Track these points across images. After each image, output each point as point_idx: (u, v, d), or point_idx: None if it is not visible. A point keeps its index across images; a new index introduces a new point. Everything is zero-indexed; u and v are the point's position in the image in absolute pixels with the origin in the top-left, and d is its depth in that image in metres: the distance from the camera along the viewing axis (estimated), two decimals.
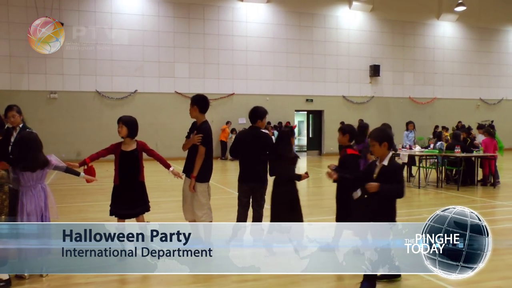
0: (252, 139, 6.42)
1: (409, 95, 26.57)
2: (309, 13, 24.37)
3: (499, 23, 29.54)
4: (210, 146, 6.08)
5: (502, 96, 29.48)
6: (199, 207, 6.01)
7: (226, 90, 22.82)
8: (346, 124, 6.55)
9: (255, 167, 6.32)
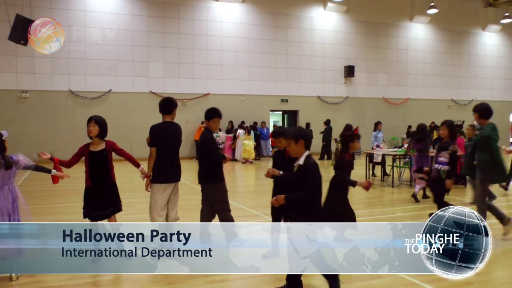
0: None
1: (383, 96, 26.88)
2: (284, 13, 24.46)
3: (469, 26, 30.16)
4: (163, 147, 6.01)
5: (473, 97, 30.07)
6: (149, 207, 6.06)
7: (201, 90, 22.74)
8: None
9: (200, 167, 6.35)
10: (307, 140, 4.74)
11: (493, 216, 6.98)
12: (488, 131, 6.78)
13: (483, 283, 5.12)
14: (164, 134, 6.06)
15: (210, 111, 6.47)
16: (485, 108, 7.08)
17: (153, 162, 5.99)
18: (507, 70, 31.88)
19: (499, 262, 5.96)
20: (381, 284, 5.06)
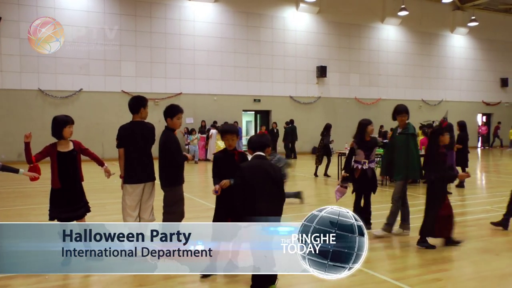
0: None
1: (355, 96, 27.15)
2: (256, 13, 24.49)
3: (439, 28, 30.74)
4: (130, 147, 5.92)
5: (442, 98, 30.65)
6: (122, 209, 6.02)
7: (173, 90, 22.59)
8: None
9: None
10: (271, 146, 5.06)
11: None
12: (412, 129, 7.01)
13: (452, 279, 5.23)
14: (131, 135, 5.95)
15: (172, 107, 6.07)
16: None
17: (123, 163, 5.91)
18: (474, 71, 32.59)
19: (467, 259, 6.11)
20: (352, 282, 5.11)
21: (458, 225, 8.31)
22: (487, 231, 7.65)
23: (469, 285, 5.04)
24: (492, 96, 33.47)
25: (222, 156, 5.41)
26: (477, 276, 5.34)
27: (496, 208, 9.70)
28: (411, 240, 6.93)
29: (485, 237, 7.26)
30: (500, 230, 7.65)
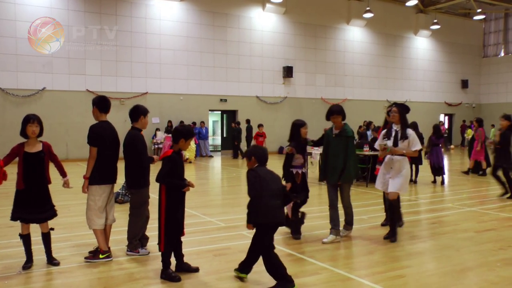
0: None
1: (321, 96, 27.38)
2: (223, 13, 24.44)
3: (403, 30, 31.34)
4: (104, 147, 5.82)
5: (406, 98, 31.20)
6: (87, 210, 5.88)
7: (139, 89, 22.32)
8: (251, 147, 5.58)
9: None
10: (260, 159, 5.11)
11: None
12: (350, 132, 6.88)
13: (414, 275, 5.33)
14: (105, 134, 5.87)
15: (139, 108, 6.08)
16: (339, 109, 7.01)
17: (93, 163, 5.76)
18: (436, 73, 33.38)
19: (429, 255, 6.23)
20: (318, 280, 5.16)
21: (420, 223, 8.52)
22: (449, 228, 7.82)
23: (431, 281, 5.14)
24: (453, 97, 34.36)
25: (177, 158, 5.36)
26: (439, 272, 5.46)
27: (457, 205, 9.95)
28: (375, 239, 7.04)
29: (447, 234, 7.42)
30: (460, 227, 7.85)
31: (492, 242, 6.86)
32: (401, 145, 6.82)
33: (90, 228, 5.90)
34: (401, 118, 6.94)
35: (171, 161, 5.23)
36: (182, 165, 5.42)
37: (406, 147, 6.81)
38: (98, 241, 5.87)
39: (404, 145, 6.81)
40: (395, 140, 6.90)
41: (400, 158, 6.82)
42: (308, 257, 5.98)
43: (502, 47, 35.20)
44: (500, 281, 5.15)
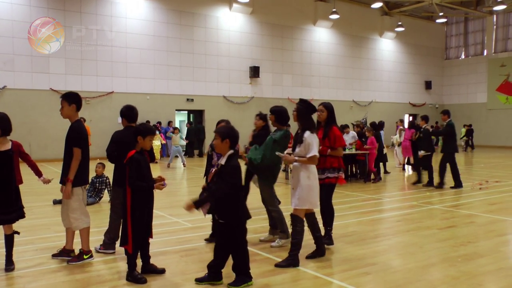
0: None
1: (287, 96, 27.51)
2: (190, 12, 24.31)
3: (368, 32, 31.82)
4: (85, 147, 5.72)
5: (372, 99, 31.72)
6: (71, 211, 5.70)
7: (105, 88, 21.97)
8: (222, 126, 5.42)
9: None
10: (234, 141, 4.87)
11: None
12: (278, 136, 6.35)
13: (379, 272, 5.41)
14: (85, 134, 5.78)
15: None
16: (280, 111, 6.60)
17: (77, 164, 5.56)
18: (401, 74, 34.02)
19: (394, 252, 6.34)
20: (285, 279, 5.17)
21: (386, 221, 8.67)
22: (413, 226, 7.98)
23: (395, 277, 5.23)
24: (418, 98, 35.09)
25: (140, 158, 5.19)
26: (403, 268, 5.56)
27: (422, 203, 10.16)
28: (341, 237, 7.12)
29: (411, 231, 7.57)
30: (423, 224, 8.02)
31: (453, 238, 7.03)
32: (297, 150, 5.75)
33: (77, 229, 5.73)
34: (299, 118, 5.88)
35: (133, 162, 5.08)
36: (147, 165, 5.25)
37: (302, 152, 5.68)
38: (83, 241, 5.75)
39: (301, 150, 5.71)
40: (294, 144, 5.95)
41: (297, 166, 5.74)
42: (276, 256, 5.99)
43: (463, 50, 36.18)
44: (460, 275, 5.30)
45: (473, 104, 34.90)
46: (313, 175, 5.71)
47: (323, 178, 6.23)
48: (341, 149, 6.33)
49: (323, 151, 6.22)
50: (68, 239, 5.87)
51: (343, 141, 6.38)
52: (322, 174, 6.25)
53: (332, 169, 6.30)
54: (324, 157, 6.26)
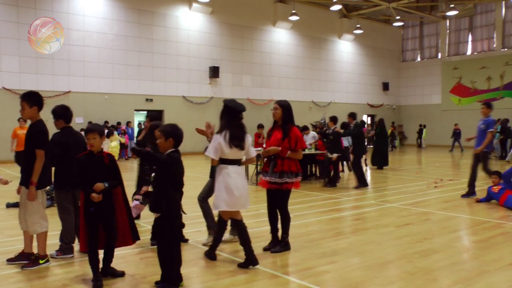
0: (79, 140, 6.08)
1: (247, 97, 27.55)
2: (149, 11, 24.03)
3: (327, 34, 32.23)
4: (47, 148, 5.55)
5: (331, 99, 32.14)
6: (29, 215, 5.51)
7: (61, 88, 21.46)
8: (165, 124, 5.14)
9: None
10: (177, 139, 4.77)
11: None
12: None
13: (339, 270, 5.47)
14: (48, 135, 5.59)
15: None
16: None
17: (41, 167, 5.38)
18: (360, 75, 34.61)
19: (353, 250, 6.42)
20: (245, 279, 5.16)
21: (345, 220, 8.79)
22: (371, 224, 8.12)
23: (355, 275, 5.30)
24: (375, 99, 35.77)
25: (85, 159, 5.01)
26: (362, 266, 5.65)
27: (380, 202, 10.35)
28: (301, 236, 7.18)
29: (369, 229, 7.70)
30: (381, 222, 8.18)
31: (410, 235, 7.19)
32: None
33: (34, 233, 5.53)
34: (221, 118, 5.83)
35: (78, 163, 4.95)
36: (94, 167, 4.98)
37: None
38: (39, 245, 5.55)
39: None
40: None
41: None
42: (236, 256, 5.99)
43: (419, 53, 37.12)
44: (417, 271, 5.42)
45: (428, 105, 35.84)
46: (221, 177, 5.59)
47: (281, 183, 6.05)
48: (301, 151, 6.15)
49: (282, 152, 6.01)
50: (27, 242, 5.67)
51: (304, 143, 6.21)
52: (280, 179, 6.04)
53: (291, 173, 6.06)
54: (282, 160, 6.04)
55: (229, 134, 5.53)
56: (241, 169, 5.71)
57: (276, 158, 6.03)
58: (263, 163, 6.49)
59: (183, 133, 4.84)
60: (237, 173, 5.61)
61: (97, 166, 4.99)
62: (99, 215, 4.96)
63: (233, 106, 5.74)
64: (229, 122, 5.66)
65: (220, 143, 5.47)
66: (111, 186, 5.00)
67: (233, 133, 5.55)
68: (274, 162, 6.04)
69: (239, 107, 5.76)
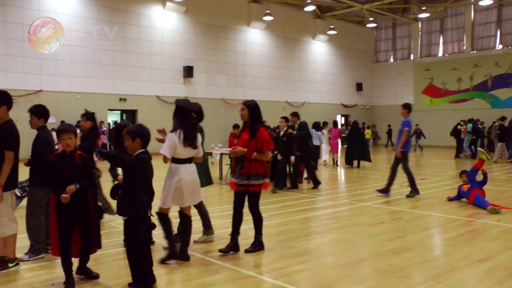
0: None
1: (221, 96, 27.51)
2: (122, 9, 23.77)
3: (301, 34, 32.40)
4: (18, 149, 5.42)
5: (305, 100, 32.30)
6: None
7: (32, 86, 21.06)
8: (132, 125, 5.07)
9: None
10: (145, 139, 4.68)
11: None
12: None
13: (313, 269, 5.50)
14: (18, 135, 5.44)
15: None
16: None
17: (9, 169, 5.23)
18: (333, 76, 34.89)
19: (327, 249, 6.48)
20: (219, 280, 5.15)
21: (319, 219, 8.85)
22: (345, 223, 8.19)
23: (329, 273, 5.34)
24: (349, 99, 36.10)
25: (57, 161, 4.90)
26: (336, 264, 5.69)
27: (354, 201, 10.45)
28: (275, 236, 7.20)
29: (343, 228, 7.77)
30: (354, 221, 8.26)
31: (383, 234, 7.28)
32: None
33: (3, 235, 5.36)
34: (174, 118, 5.85)
35: (49, 165, 4.86)
36: (66, 168, 4.86)
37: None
38: (9, 248, 5.41)
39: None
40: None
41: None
42: (209, 257, 5.97)
43: (392, 54, 37.59)
44: (390, 269, 5.49)
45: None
46: (168, 175, 5.66)
47: (246, 185, 5.97)
48: (268, 153, 6.04)
49: (248, 153, 5.91)
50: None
51: (271, 145, 6.06)
52: (247, 180, 5.95)
53: (257, 176, 5.94)
54: (249, 161, 5.93)
55: (183, 133, 5.57)
56: (191, 168, 5.73)
57: (243, 160, 5.97)
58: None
59: (150, 133, 4.77)
60: (188, 172, 5.65)
61: (68, 167, 4.87)
62: (73, 219, 4.86)
63: (185, 105, 5.79)
64: (182, 121, 5.69)
65: (175, 142, 5.48)
66: (83, 187, 4.86)
67: (186, 133, 5.59)
68: (241, 164, 5.99)
69: (190, 107, 5.82)
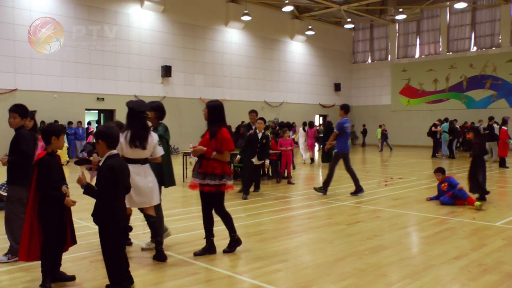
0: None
1: (199, 96, 27.40)
2: (99, 7, 23.49)
3: (280, 35, 32.48)
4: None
5: (283, 100, 32.39)
6: None
7: (7, 85, 20.66)
8: (100, 126, 5.15)
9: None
10: (109, 141, 4.54)
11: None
12: (161, 131, 6.30)
13: (291, 268, 5.51)
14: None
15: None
16: (159, 107, 6.52)
17: None
18: (311, 76, 35.06)
19: (305, 248, 6.50)
20: (197, 280, 5.12)
21: (297, 218, 8.87)
22: (323, 222, 8.24)
23: (307, 272, 5.36)
24: (327, 99, 36.31)
25: (49, 159, 4.85)
26: (314, 264, 5.71)
27: (332, 200, 10.50)
28: (253, 236, 7.19)
29: (321, 227, 7.81)
30: (333, 220, 8.30)
31: (360, 233, 7.33)
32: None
33: None
34: (127, 117, 5.89)
35: (43, 165, 4.74)
36: (58, 168, 4.92)
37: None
38: None
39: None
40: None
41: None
42: (187, 257, 5.94)
43: (369, 55, 37.94)
44: (367, 267, 5.54)
45: (379, 106, 36.66)
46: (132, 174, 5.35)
47: (202, 185, 5.90)
48: (227, 153, 5.93)
49: (208, 153, 5.84)
50: None
51: (231, 145, 5.95)
52: (203, 180, 5.88)
53: (214, 175, 5.83)
54: (207, 160, 5.86)
55: (130, 134, 5.61)
56: (141, 169, 5.67)
57: (202, 159, 5.93)
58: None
59: (117, 133, 4.70)
60: (136, 172, 5.56)
61: (58, 167, 4.90)
62: (61, 219, 4.84)
63: (134, 107, 5.79)
64: (131, 122, 5.73)
65: (120, 143, 5.38)
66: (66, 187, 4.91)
67: (134, 133, 5.61)
68: (199, 163, 5.96)
69: (139, 108, 5.78)
